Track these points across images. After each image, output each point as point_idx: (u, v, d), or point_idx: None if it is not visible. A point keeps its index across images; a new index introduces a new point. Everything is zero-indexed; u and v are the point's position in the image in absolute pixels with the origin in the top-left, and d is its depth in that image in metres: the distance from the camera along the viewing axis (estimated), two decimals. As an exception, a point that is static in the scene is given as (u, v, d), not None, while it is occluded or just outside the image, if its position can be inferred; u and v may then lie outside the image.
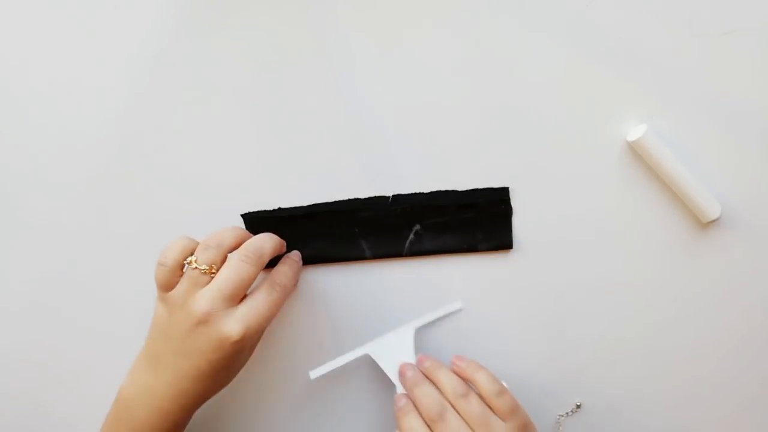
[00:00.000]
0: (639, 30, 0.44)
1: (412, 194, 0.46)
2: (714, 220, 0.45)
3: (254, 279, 0.39)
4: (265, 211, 0.46)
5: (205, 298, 0.37)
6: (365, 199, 0.46)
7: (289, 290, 0.41)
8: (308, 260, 0.47)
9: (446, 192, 0.46)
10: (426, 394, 0.41)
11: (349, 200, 0.46)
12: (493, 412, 0.40)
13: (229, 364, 0.39)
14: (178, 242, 0.39)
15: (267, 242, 0.40)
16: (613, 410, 0.48)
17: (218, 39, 0.45)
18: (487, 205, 0.46)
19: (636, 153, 0.45)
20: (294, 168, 0.47)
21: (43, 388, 0.50)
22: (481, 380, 0.42)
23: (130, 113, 0.47)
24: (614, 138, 0.45)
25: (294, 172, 0.47)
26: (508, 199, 0.46)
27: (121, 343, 0.48)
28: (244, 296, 0.40)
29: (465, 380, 0.42)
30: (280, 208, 0.46)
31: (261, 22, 0.45)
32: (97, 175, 0.47)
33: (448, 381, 0.42)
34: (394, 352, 0.44)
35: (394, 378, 0.44)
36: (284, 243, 0.44)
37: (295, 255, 0.45)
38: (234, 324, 0.37)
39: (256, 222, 0.46)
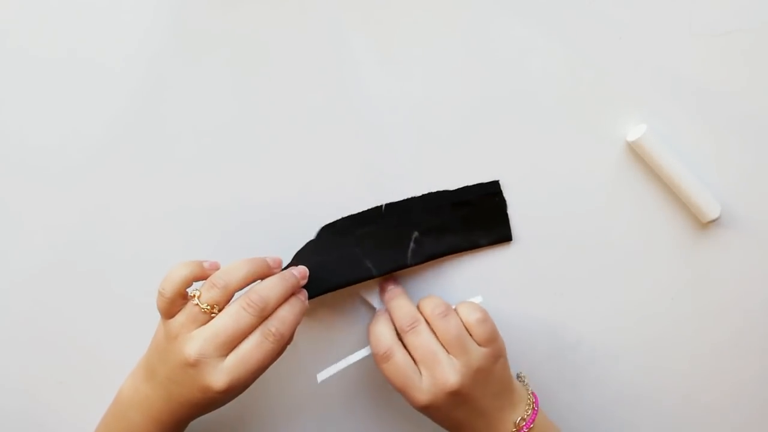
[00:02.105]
0: (639, 30, 0.44)
1: (404, 200, 0.46)
2: (714, 220, 0.45)
3: (254, 328, 0.37)
4: None
5: (197, 341, 0.37)
6: (358, 214, 0.45)
7: (287, 338, 0.39)
8: (317, 292, 0.43)
9: (438, 193, 0.46)
10: (400, 306, 0.41)
11: (343, 219, 0.45)
12: (472, 337, 0.40)
13: (218, 402, 0.39)
14: (177, 271, 0.38)
15: (274, 290, 0.38)
16: (613, 410, 0.48)
17: (217, 44, 0.46)
18: (481, 200, 0.46)
19: (636, 153, 0.45)
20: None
21: (43, 387, 0.50)
22: (462, 308, 0.41)
23: (130, 113, 0.46)
24: (614, 138, 0.45)
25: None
26: (500, 191, 0.46)
27: (122, 342, 0.48)
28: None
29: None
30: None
31: (260, 24, 0.45)
32: (96, 174, 0.47)
33: (429, 301, 0.42)
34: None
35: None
36: (303, 277, 0.41)
37: (302, 295, 0.41)
38: (219, 375, 0.36)
39: None
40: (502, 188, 0.46)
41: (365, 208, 0.46)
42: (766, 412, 0.48)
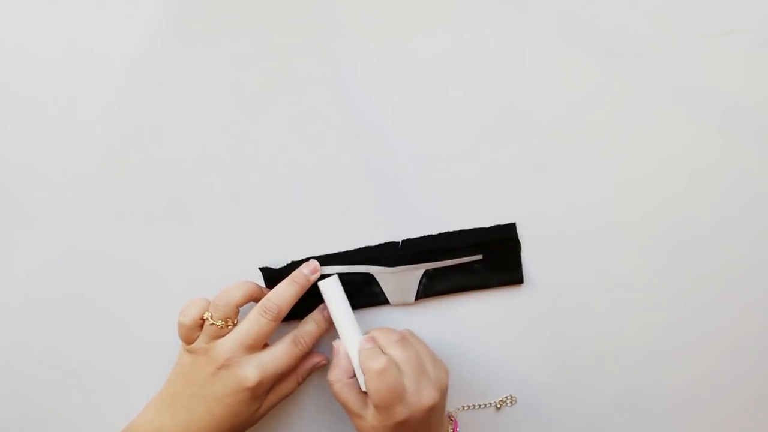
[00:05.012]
0: (638, 30, 0.44)
1: (421, 238, 0.46)
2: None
3: (273, 331, 0.43)
4: (283, 267, 0.47)
5: (227, 345, 0.42)
6: (375, 246, 0.46)
7: (310, 348, 0.44)
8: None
9: (455, 233, 0.46)
10: (383, 331, 0.43)
11: (360, 249, 0.46)
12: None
13: (241, 411, 0.42)
14: (194, 303, 0.43)
15: (285, 294, 0.43)
16: (613, 410, 0.48)
17: (217, 44, 0.46)
18: (496, 245, 0.46)
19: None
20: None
21: (43, 386, 0.50)
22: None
23: (130, 115, 0.47)
24: (613, 138, 0.45)
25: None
26: (516, 236, 0.46)
27: (122, 342, 0.49)
28: (265, 345, 0.43)
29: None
30: (293, 263, 0.46)
31: (260, 27, 0.45)
32: (96, 174, 0.47)
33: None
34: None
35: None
36: (314, 271, 0.45)
37: (327, 312, 0.45)
38: (252, 369, 0.41)
39: (274, 278, 0.46)
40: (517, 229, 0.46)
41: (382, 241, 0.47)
42: (766, 412, 0.48)
